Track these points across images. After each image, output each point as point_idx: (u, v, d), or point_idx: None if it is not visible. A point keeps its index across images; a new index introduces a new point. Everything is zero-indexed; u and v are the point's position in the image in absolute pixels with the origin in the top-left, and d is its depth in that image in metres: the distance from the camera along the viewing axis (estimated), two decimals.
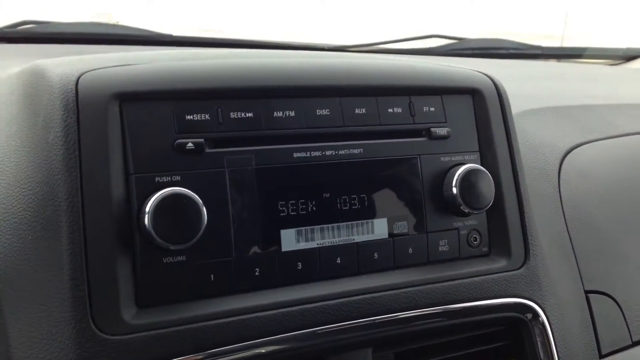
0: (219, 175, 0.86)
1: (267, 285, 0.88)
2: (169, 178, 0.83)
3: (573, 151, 1.39)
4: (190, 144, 0.84)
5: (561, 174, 1.33)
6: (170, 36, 1.78)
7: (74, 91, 0.80)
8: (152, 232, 0.78)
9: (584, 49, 2.47)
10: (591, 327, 1.17)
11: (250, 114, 0.89)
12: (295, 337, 0.86)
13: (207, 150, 0.86)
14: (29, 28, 1.70)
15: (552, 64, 2.50)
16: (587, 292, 1.20)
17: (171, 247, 0.80)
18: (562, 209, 1.25)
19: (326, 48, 1.94)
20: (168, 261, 0.82)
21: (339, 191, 0.93)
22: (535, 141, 1.39)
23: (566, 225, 1.24)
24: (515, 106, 1.41)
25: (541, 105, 1.57)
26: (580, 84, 2.02)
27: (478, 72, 1.10)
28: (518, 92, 1.57)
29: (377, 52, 2.01)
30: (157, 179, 0.82)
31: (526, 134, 1.39)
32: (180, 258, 0.83)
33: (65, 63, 0.86)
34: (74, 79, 0.82)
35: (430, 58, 2.02)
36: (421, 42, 2.27)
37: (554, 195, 1.28)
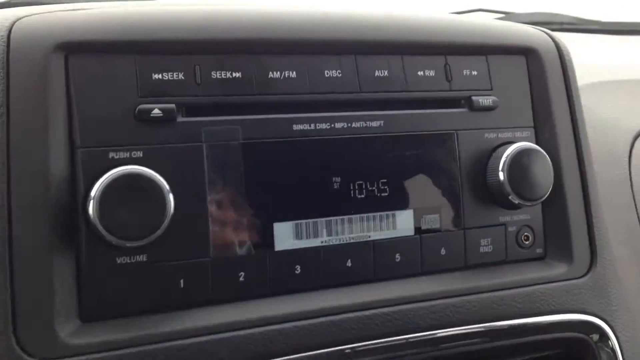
0: (194, 152, 0.67)
1: (255, 294, 0.70)
2: (127, 154, 0.64)
3: None
4: (157, 111, 0.65)
5: (632, 159, 1.11)
6: None
7: (4, 40, 0.62)
8: (98, 223, 0.60)
9: None
10: None
11: (237, 74, 0.69)
12: None
13: (180, 119, 0.67)
14: None
15: (614, 39, 2.26)
16: None
17: (127, 244, 0.62)
18: (634, 199, 1.03)
19: None
20: (123, 262, 0.64)
21: (352, 175, 0.73)
22: (599, 120, 1.17)
23: (639, 219, 1.01)
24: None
25: (605, 78, 1.34)
26: None
27: (534, 28, 0.88)
28: (577, 63, 1.35)
29: None
30: (111, 154, 0.64)
31: (588, 111, 1.17)
32: (139, 258, 0.64)
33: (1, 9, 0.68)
34: (7, 24, 0.63)
35: None
36: (465, 17, 2.06)
37: (624, 183, 1.06)
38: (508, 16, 2.09)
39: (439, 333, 0.73)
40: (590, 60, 1.55)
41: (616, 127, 1.16)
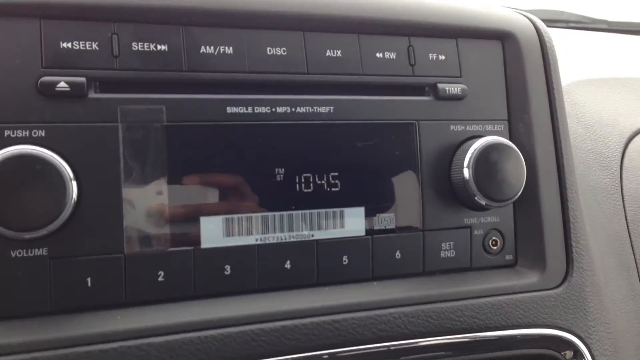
0: (108, 133, 0.59)
1: (175, 296, 0.61)
2: (27, 132, 0.56)
3: None
4: (63, 84, 0.57)
5: (624, 161, 1.03)
6: None
7: None
8: None
9: None
10: None
11: (163, 47, 0.61)
12: None
13: (92, 94, 0.59)
14: None
15: (619, 38, 2.18)
16: None
17: (25, 236, 0.53)
18: (624, 205, 0.96)
19: None
20: (19, 255, 0.55)
21: (294, 166, 0.65)
22: (592, 118, 1.09)
23: (628, 228, 0.94)
24: (569, 74, 1.12)
25: (603, 76, 1.25)
26: None
27: (514, 10, 0.79)
28: (573, 59, 1.26)
29: None
30: (7, 132, 0.56)
31: (581, 108, 1.09)
32: (37, 252, 0.57)
33: None
34: None
35: None
36: None
37: (613, 188, 0.98)
38: None
39: (386, 346, 0.65)
40: (595, 58, 1.47)
41: (610, 126, 1.08)
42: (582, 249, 0.76)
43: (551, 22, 2.06)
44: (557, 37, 1.67)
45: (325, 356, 0.62)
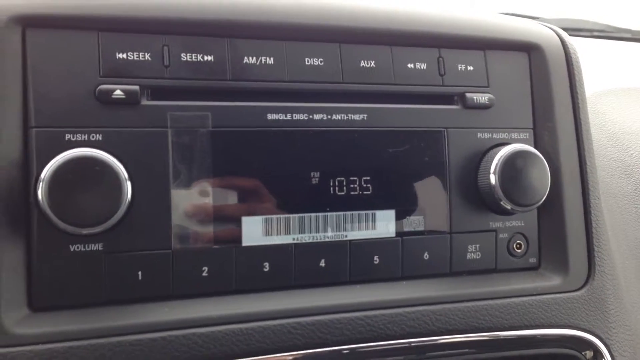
0: (158, 137, 0.63)
1: (218, 291, 0.65)
2: (86, 136, 0.60)
3: None
4: (119, 92, 0.62)
5: None
6: None
7: None
8: (47, 208, 0.56)
9: None
10: None
11: (209, 58, 0.65)
12: None
13: (144, 102, 0.63)
14: None
15: None
16: None
17: (83, 232, 0.58)
18: None
19: None
20: (76, 250, 0.60)
21: (329, 170, 0.68)
22: (615, 127, 1.11)
23: None
24: (593, 84, 1.14)
25: (626, 85, 1.27)
26: None
27: (539, 23, 0.82)
28: (597, 68, 1.28)
29: None
30: (68, 136, 0.60)
31: (604, 117, 1.11)
32: (93, 247, 0.61)
33: None
34: None
35: None
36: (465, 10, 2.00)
37: (636, 195, 1.00)
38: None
39: (415, 341, 0.68)
40: (618, 67, 1.48)
41: (633, 135, 1.10)
42: (603, 254, 0.79)
43: (575, 31, 2.07)
44: (581, 47, 1.69)
45: (363, 349, 0.66)
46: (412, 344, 0.68)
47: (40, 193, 0.57)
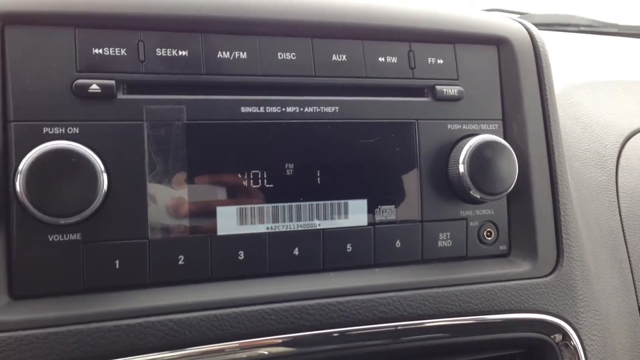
0: (134, 130, 0.65)
1: (194, 279, 0.68)
2: (63, 129, 0.63)
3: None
4: (95, 86, 0.64)
5: (620, 160, 1.08)
6: None
7: None
8: (25, 199, 0.59)
9: None
10: None
11: (184, 53, 0.67)
12: (222, 349, 0.64)
13: (120, 96, 0.65)
14: None
15: (630, 42, 2.20)
16: None
17: (61, 222, 0.60)
18: (618, 202, 1.00)
19: None
20: (55, 239, 0.62)
21: (302, 161, 0.71)
22: (591, 119, 1.13)
23: (621, 223, 0.99)
24: (572, 77, 1.16)
25: (606, 78, 1.29)
26: None
27: (509, 17, 0.85)
28: (577, 63, 1.30)
29: None
30: (45, 129, 0.62)
31: (580, 109, 1.14)
32: (72, 236, 0.63)
33: None
34: None
35: None
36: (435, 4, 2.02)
37: (609, 185, 1.02)
38: (524, 17, 2.05)
39: (385, 327, 0.71)
40: (600, 61, 1.50)
41: (608, 127, 1.12)
42: (572, 241, 0.81)
43: (563, 26, 2.09)
44: (567, 42, 1.71)
45: (335, 334, 0.68)
46: (384, 329, 0.70)
47: (18, 184, 0.59)
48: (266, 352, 0.66)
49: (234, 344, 0.64)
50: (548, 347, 0.79)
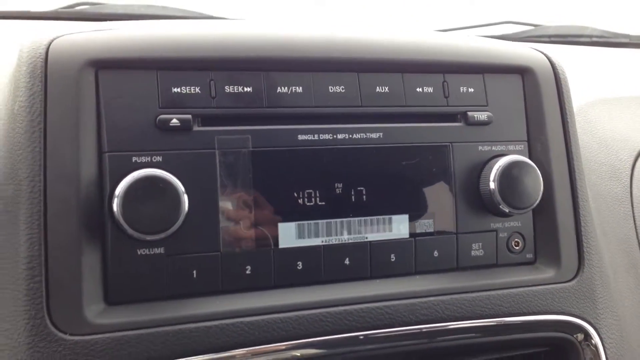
0: (208, 157, 0.75)
1: (260, 286, 0.77)
2: (149, 158, 0.72)
3: None
4: (175, 120, 0.73)
5: (635, 172, 1.15)
6: (223, 18, 1.69)
7: (43, 56, 0.71)
8: (121, 219, 0.68)
9: None
10: None
11: (248, 89, 0.77)
12: (287, 347, 0.74)
13: (196, 128, 0.75)
14: (83, 9, 1.67)
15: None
16: None
17: (147, 238, 0.70)
18: (633, 211, 1.08)
19: None
20: (143, 253, 0.72)
21: (351, 181, 0.80)
22: (606, 134, 1.21)
23: (636, 231, 1.06)
24: (586, 93, 1.23)
25: (619, 93, 1.37)
26: None
27: (531, 48, 0.94)
28: (592, 77, 1.37)
29: None
30: (134, 158, 0.72)
31: (596, 125, 1.21)
32: (157, 250, 0.72)
33: (42, 29, 0.77)
34: (46, 42, 0.72)
35: None
36: (494, 28, 2.09)
37: (624, 196, 1.10)
38: (536, 29, 2.12)
39: (428, 327, 0.79)
40: (614, 74, 1.57)
41: (623, 141, 1.19)
42: (592, 249, 0.90)
43: (575, 37, 2.15)
44: (579, 56, 1.77)
45: (383, 334, 0.77)
46: (425, 330, 0.79)
47: (115, 206, 0.68)
48: (325, 350, 0.75)
49: (298, 342, 0.74)
50: (571, 345, 0.88)
